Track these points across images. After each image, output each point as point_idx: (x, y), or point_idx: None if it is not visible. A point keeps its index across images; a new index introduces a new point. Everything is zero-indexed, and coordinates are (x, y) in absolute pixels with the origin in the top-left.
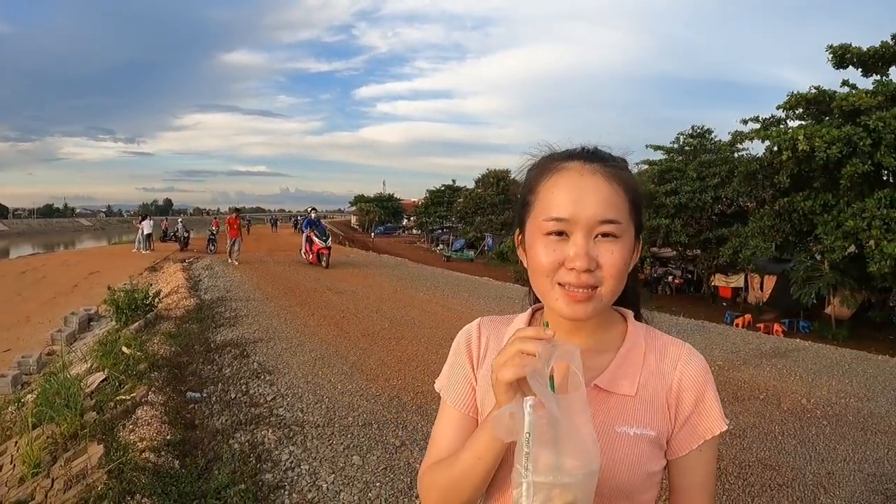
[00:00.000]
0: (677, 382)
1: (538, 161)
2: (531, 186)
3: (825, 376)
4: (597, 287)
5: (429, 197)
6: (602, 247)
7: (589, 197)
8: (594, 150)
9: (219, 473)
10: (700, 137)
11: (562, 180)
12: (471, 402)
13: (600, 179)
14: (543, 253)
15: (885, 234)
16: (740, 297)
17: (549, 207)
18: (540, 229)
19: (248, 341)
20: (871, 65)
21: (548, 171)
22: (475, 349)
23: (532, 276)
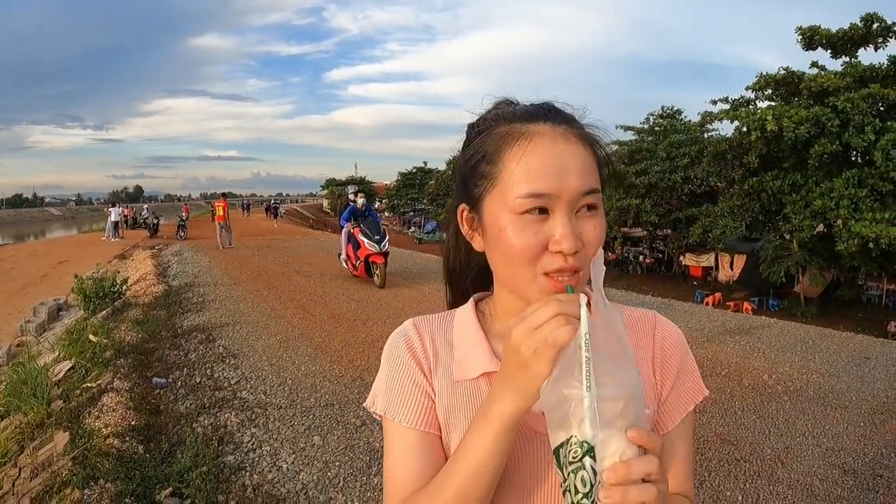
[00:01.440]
0: (659, 352)
1: (489, 122)
2: (490, 155)
3: (789, 353)
4: (579, 270)
5: (400, 179)
6: (584, 222)
7: (570, 166)
8: (557, 109)
9: (182, 457)
10: (670, 118)
11: (536, 148)
12: (430, 417)
13: (575, 144)
14: (520, 236)
15: (852, 214)
16: (710, 276)
17: (525, 181)
18: (513, 208)
19: (214, 326)
20: (840, 46)
21: (511, 136)
22: (422, 354)
23: (502, 264)
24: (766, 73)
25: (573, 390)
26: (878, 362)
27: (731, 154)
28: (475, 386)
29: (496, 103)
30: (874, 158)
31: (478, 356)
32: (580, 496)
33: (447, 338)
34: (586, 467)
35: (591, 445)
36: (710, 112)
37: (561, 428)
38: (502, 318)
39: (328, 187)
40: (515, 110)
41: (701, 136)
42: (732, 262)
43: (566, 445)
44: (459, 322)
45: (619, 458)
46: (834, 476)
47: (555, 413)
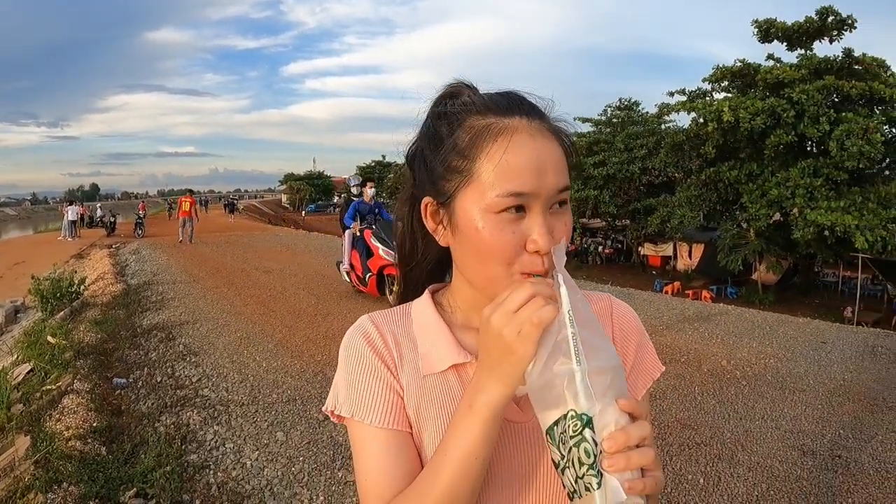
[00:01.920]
0: (619, 332)
1: (456, 110)
2: (464, 150)
3: (746, 338)
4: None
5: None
6: (556, 218)
7: (548, 164)
8: (529, 102)
9: (145, 457)
10: (627, 110)
11: (515, 146)
12: (400, 414)
13: (550, 140)
14: (497, 235)
15: (808, 203)
16: (669, 265)
17: (506, 179)
18: (489, 206)
19: (174, 324)
20: (796, 39)
21: (488, 131)
22: (385, 350)
23: (474, 262)
24: (723, 65)
25: (563, 367)
26: (834, 346)
27: (689, 145)
28: (443, 379)
29: (452, 87)
30: (829, 148)
31: (443, 349)
32: (585, 468)
33: (407, 332)
34: (587, 439)
35: (590, 416)
36: (667, 104)
37: (553, 407)
38: (464, 310)
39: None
40: (486, 101)
41: (658, 128)
42: (691, 252)
43: (562, 422)
44: (418, 315)
45: (614, 427)
46: (793, 458)
47: (545, 393)
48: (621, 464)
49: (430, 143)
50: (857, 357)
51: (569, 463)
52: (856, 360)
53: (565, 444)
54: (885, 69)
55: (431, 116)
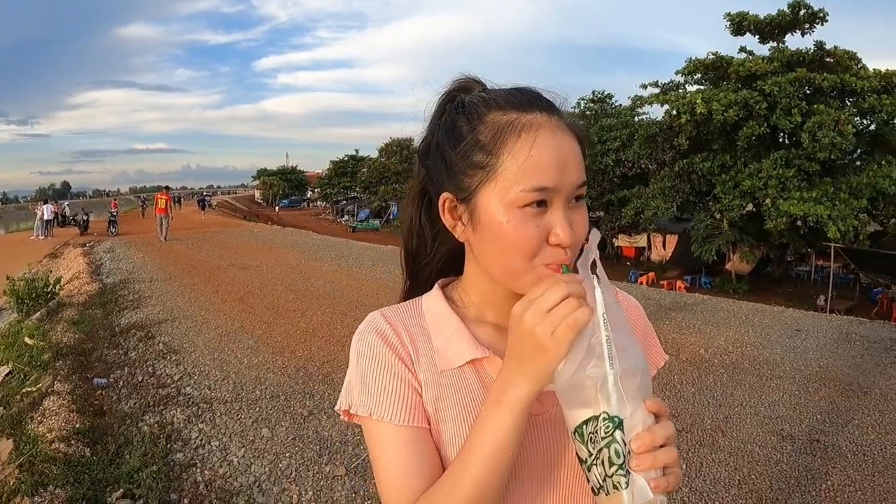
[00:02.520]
0: None
1: (475, 105)
2: (487, 144)
3: (723, 327)
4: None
5: (332, 168)
6: (575, 213)
7: (569, 159)
8: (544, 97)
9: (130, 457)
10: (601, 102)
11: (540, 141)
12: (419, 411)
13: (570, 136)
14: (522, 230)
15: (780, 193)
16: (644, 256)
17: (532, 175)
18: (514, 201)
19: (152, 322)
20: (768, 32)
21: (513, 127)
22: (401, 347)
23: (496, 255)
24: (696, 57)
25: (596, 370)
26: (809, 334)
27: (662, 137)
28: (461, 374)
29: (461, 82)
30: (801, 140)
31: (460, 344)
32: (614, 468)
33: (421, 327)
34: (618, 440)
35: (622, 419)
36: (640, 96)
37: (583, 406)
38: (478, 305)
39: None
40: (505, 96)
41: (631, 120)
42: (665, 242)
43: (592, 422)
44: (430, 310)
45: (642, 427)
46: (772, 442)
47: (574, 393)
48: (648, 463)
49: (448, 138)
50: (832, 344)
51: (597, 461)
52: (830, 347)
53: (595, 443)
54: (857, 62)
55: (448, 111)
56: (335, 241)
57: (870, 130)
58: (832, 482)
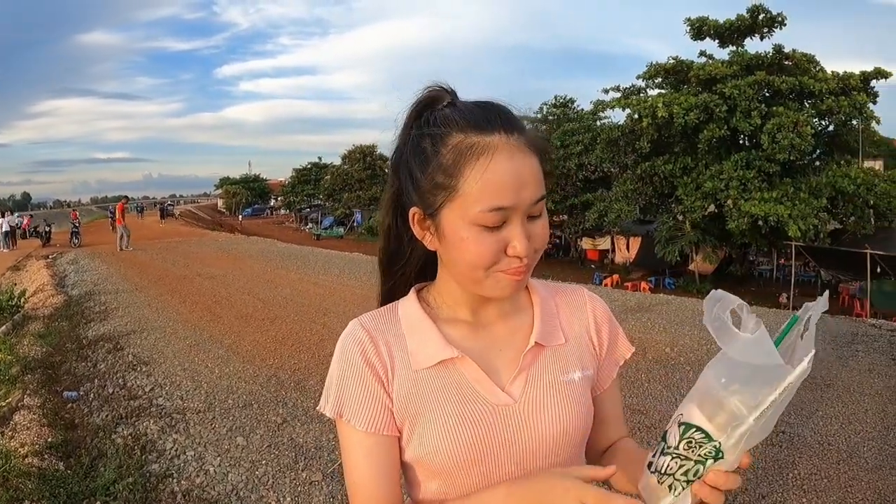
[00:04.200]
0: (593, 319)
1: (438, 124)
2: (448, 168)
3: (688, 326)
4: (531, 266)
5: (295, 176)
6: (533, 224)
7: (526, 179)
8: (505, 115)
9: (105, 470)
10: (563, 107)
11: (497, 165)
12: (388, 422)
13: (528, 155)
14: (481, 245)
15: (741, 194)
16: (608, 258)
17: (488, 197)
18: (473, 220)
19: (120, 334)
20: (728, 36)
21: (470, 150)
22: (379, 364)
23: (461, 266)
24: (657, 62)
25: (745, 409)
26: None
27: (624, 140)
28: (433, 374)
29: (431, 92)
30: (761, 141)
31: (431, 346)
32: (683, 476)
33: (397, 332)
34: (706, 465)
35: (724, 455)
36: (602, 100)
37: (709, 418)
38: (450, 305)
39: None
40: (467, 115)
41: (594, 124)
42: (628, 245)
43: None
44: (405, 313)
45: (726, 467)
46: None
47: (713, 405)
48: (705, 493)
49: (415, 158)
50: None
51: (678, 458)
52: None
53: (690, 449)
54: (815, 64)
55: (415, 130)
56: (300, 249)
57: (828, 131)
58: (799, 471)
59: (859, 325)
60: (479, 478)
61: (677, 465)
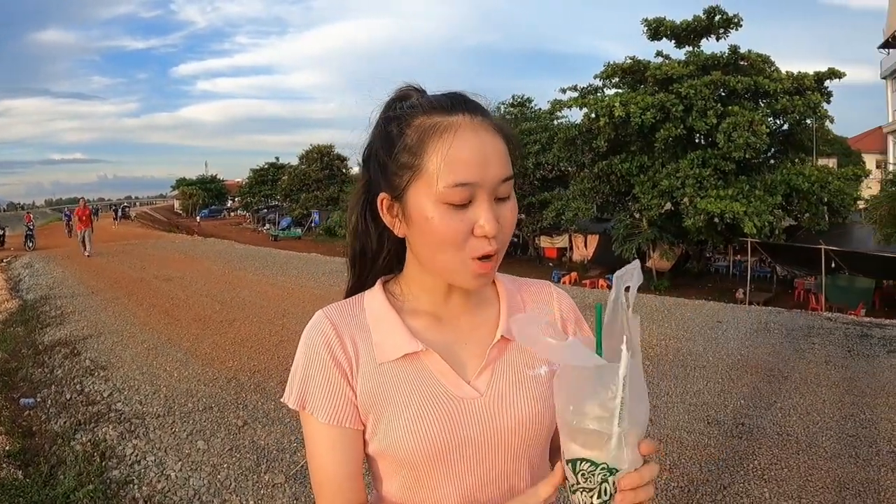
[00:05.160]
0: (559, 314)
1: (405, 111)
2: (413, 146)
3: (646, 322)
4: (500, 251)
5: (253, 176)
6: (501, 207)
7: (490, 156)
8: (469, 100)
9: (64, 477)
10: (520, 106)
11: (460, 141)
12: (351, 415)
13: (493, 134)
14: (448, 223)
15: (697, 192)
16: (566, 256)
17: (452, 172)
18: (439, 197)
19: (77, 339)
20: (684, 37)
21: (434, 128)
22: (344, 357)
23: (429, 249)
24: (614, 62)
25: (606, 424)
26: (729, 325)
27: (581, 139)
28: (398, 367)
29: (402, 90)
30: (717, 140)
31: (396, 338)
32: (600, 501)
33: (361, 324)
34: (609, 483)
35: (618, 469)
36: (559, 100)
37: (585, 448)
38: (417, 296)
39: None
40: (432, 101)
41: (551, 124)
42: (586, 242)
43: (589, 464)
44: (371, 306)
45: (630, 467)
46: (700, 428)
47: (579, 433)
48: (629, 500)
49: (382, 143)
50: (752, 333)
51: (583, 490)
52: (751, 336)
53: (587, 480)
54: (770, 65)
55: (383, 120)
56: (258, 250)
57: (783, 130)
58: (759, 461)
59: (815, 319)
60: (445, 471)
61: (589, 497)
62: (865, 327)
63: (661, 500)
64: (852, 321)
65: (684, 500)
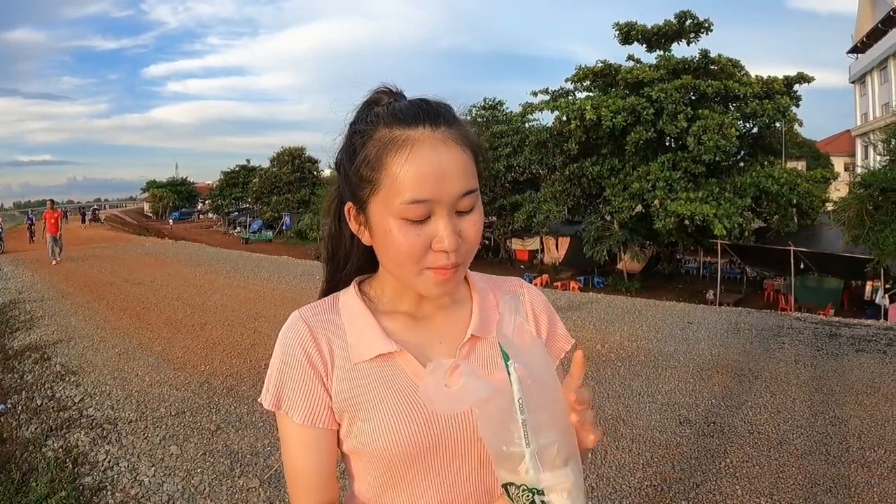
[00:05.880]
0: (530, 310)
1: (368, 123)
2: (372, 161)
3: (618, 323)
4: (460, 265)
5: (223, 178)
6: (464, 220)
7: (449, 171)
8: (433, 109)
9: (37, 485)
10: (492, 109)
11: (417, 157)
12: (326, 416)
13: (454, 148)
14: (405, 238)
15: (668, 194)
16: (537, 258)
17: (408, 188)
18: (396, 213)
19: (47, 343)
20: (655, 41)
21: (392, 143)
22: (319, 359)
23: (390, 260)
24: (585, 65)
25: (514, 448)
26: (700, 326)
27: (552, 142)
28: (372, 367)
29: (374, 95)
30: (687, 143)
31: (371, 339)
32: None
33: (337, 325)
34: (547, 498)
35: (540, 489)
36: (531, 103)
37: (509, 472)
38: (390, 297)
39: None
40: (395, 112)
41: (522, 126)
42: (557, 245)
43: (515, 488)
44: (346, 306)
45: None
46: (672, 427)
47: (502, 459)
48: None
49: (346, 154)
50: (722, 334)
51: None
52: (721, 336)
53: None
54: (739, 69)
55: (349, 130)
56: (229, 253)
57: (752, 133)
58: (730, 460)
59: (784, 319)
60: (419, 469)
61: None
62: (834, 327)
63: (634, 499)
64: (821, 321)
65: (657, 499)
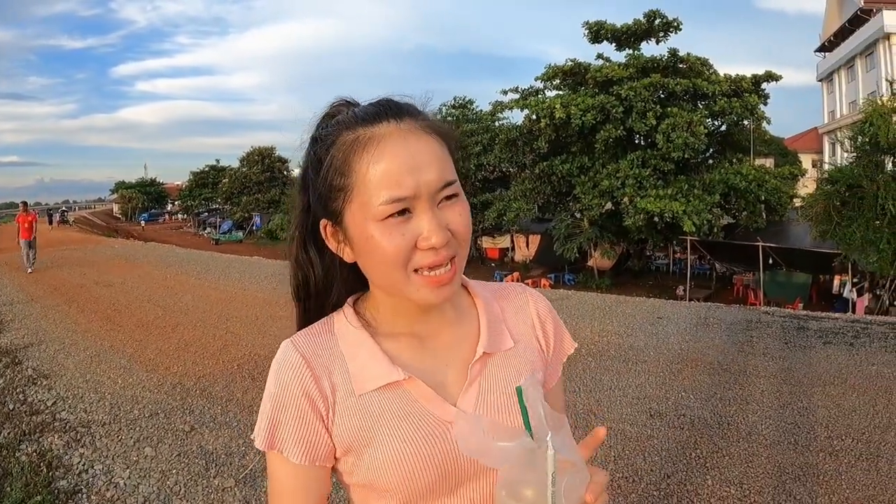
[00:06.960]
0: (536, 318)
1: (331, 131)
2: (341, 167)
3: (588, 319)
4: (454, 257)
5: (193, 179)
6: (448, 212)
7: (423, 162)
8: (398, 105)
9: (11, 490)
10: (462, 108)
11: (386, 152)
12: (325, 454)
13: (424, 137)
14: (389, 241)
15: (637, 192)
16: (508, 256)
17: (383, 187)
18: (375, 215)
19: (17, 347)
20: (624, 40)
21: (358, 143)
22: (319, 396)
23: (375, 269)
24: (555, 64)
25: None
26: (670, 321)
27: (522, 141)
28: (380, 396)
29: (333, 106)
30: (656, 141)
31: (375, 367)
32: None
33: (336, 354)
34: None
35: None
36: (500, 102)
37: None
38: (389, 318)
39: (118, 191)
40: (356, 113)
41: (492, 125)
42: (528, 243)
43: None
44: (343, 331)
45: None
46: (643, 420)
47: None
48: None
49: (312, 166)
50: (692, 328)
51: None
52: (690, 331)
53: None
54: (708, 67)
55: (310, 141)
56: (199, 254)
57: (721, 131)
58: (701, 451)
59: (753, 313)
60: (437, 496)
61: None
62: (802, 320)
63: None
64: (789, 314)
65: (629, 490)
